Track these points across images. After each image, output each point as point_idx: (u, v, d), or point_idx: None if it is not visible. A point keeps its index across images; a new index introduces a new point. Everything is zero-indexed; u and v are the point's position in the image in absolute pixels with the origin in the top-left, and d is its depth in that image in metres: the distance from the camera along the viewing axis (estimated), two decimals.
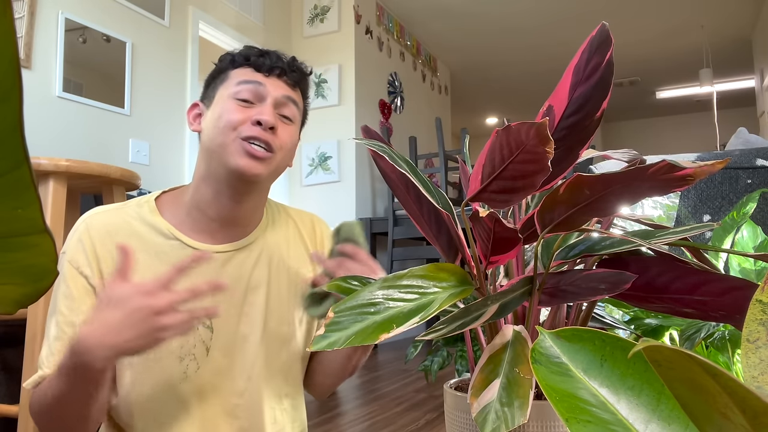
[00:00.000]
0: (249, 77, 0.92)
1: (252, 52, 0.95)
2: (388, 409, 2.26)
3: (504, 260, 0.70)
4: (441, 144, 4.46)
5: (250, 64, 0.94)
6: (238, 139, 0.88)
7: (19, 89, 0.24)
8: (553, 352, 0.44)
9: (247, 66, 0.94)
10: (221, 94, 0.93)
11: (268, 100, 0.91)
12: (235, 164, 0.88)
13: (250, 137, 0.88)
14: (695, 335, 1.03)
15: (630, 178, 0.55)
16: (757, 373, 0.33)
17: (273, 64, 0.94)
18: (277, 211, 1.07)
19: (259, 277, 0.98)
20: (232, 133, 0.88)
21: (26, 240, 0.30)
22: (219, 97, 0.93)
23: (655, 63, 6.81)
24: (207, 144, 0.92)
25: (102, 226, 0.91)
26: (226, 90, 0.92)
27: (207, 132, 0.92)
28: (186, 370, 0.91)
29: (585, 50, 0.61)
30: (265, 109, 0.90)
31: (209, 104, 0.95)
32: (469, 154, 0.98)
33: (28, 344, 1.36)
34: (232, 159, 0.88)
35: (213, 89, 0.96)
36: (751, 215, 1.56)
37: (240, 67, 0.94)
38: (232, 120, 0.89)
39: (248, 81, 0.91)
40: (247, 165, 0.88)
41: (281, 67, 0.94)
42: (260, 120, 0.88)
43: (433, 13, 5.42)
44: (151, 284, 0.74)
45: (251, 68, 0.93)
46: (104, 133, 3.00)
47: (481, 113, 8.82)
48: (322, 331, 0.55)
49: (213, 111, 0.93)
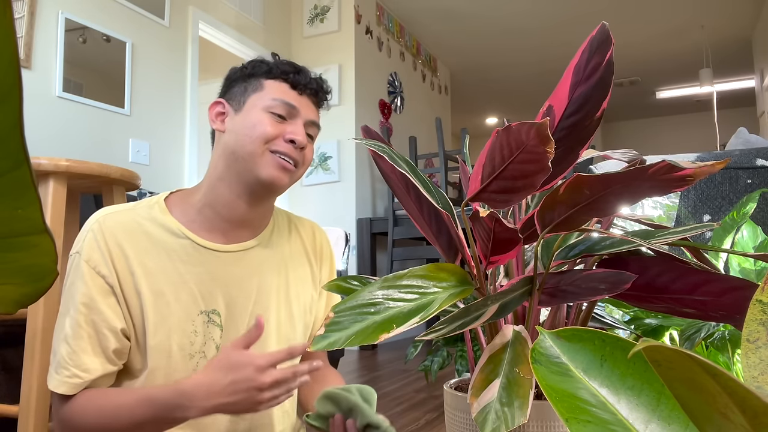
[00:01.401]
0: (285, 95, 0.96)
1: (289, 68, 0.99)
2: (388, 409, 2.26)
3: (504, 260, 0.70)
4: (441, 144, 4.46)
5: (287, 80, 0.98)
6: (268, 151, 0.93)
7: (19, 89, 0.24)
8: (553, 352, 0.44)
9: (283, 81, 0.98)
10: (254, 103, 0.96)
11: (299, 121, 0.97)
12: (267, 175, 0.93)
13: (281, 153, 0.94)
14: (695, 335, 1.03)
15: (630, 178, 0.55)
16: (757, 373, 0.33)
17: (307, 83, 0.99)
18: (281, 217, 1.10)
19: (267, 278, 1.00)
20: (263, 145, 0.93)
21: (26, 240, 0.30)
22: (252, 106, 0.96)
23: (655, 63, 6.81)
24: (233, 148, 0.95)
25: (115, 225, 0.92)
26: (261, 101, 0.95)
27: (235, 137, 0.95)
28: (195, 367, 0.92)
29: (585, 50, 0.61)
30: (298, 129, 0.96)
31: (237, 107, 0.98)
32: (469, 154, 0.98)
33: (28, 344, 1.36)
34: (264, 170, 0.93)
35: (244, 94, 0.98)
36: (751, 215, 1.56)
37: (275, 80, 0.98)
38: (266, 133, 0.93)
39: (285, 101, 0.96)
40: (278, 177, 0.94)
41: (314, 88, 1.00)
42: (294, 140, 0.94)
43: (433, 13, 5.42)
44: (264, 360, 0.78)
45: (287, 84, 0.98)
46: (104, 133, 3.00)
47: (481, 113, 8.82)
48: (322, 331, 0.55)
49: (245, 118, 0.95)
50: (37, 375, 1.33)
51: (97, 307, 0.89)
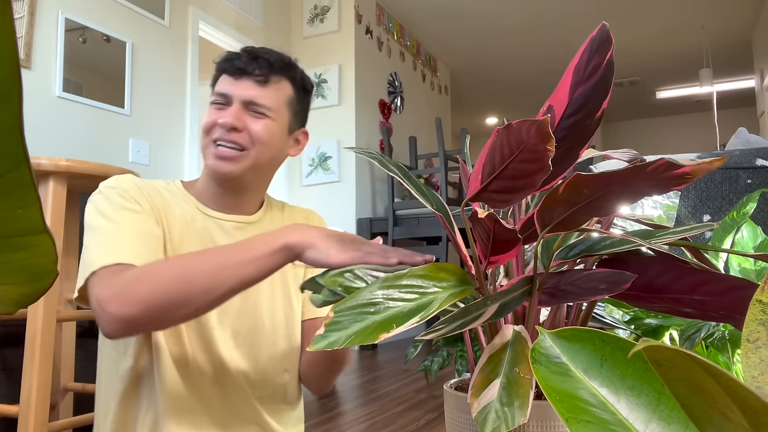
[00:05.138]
0: (221, 86, 1.00)
1: (231, 55, 1.02)
2: (388, 409, 2.26)
3: (504, 260, 0.70)
4: (441, 144, 4.46)
5: (226, 70, 1.01)
6: (211, 142, 0.98)
7: (19, 89, 0.24)
8: (553, 352, 0.44)
9: (224, 72, 1.02)
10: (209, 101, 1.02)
11: (234, 104, 0.99)
12: (210, 165, 0.98)
13: (217, 139, 0.97)
14: (695, 335, 1.03)
15: (629, 177, 0.55)
16: (757, 373, 0.33)
17: (240, 65, 1.00)
18: (276, 206, 1.14)
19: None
20: (207, 137, 0.99)
21: (26, 240, 0.30)
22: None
23: (655, 63, 6.81)
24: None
25: (137, 180, 0.97)
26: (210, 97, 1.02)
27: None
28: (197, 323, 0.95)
29: (585, 50, 0.61)
30: (227, 113, 0.98)
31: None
32: (469, 154, 0.98)
33: (28, 344, 1.36)
34: (208, 161, 0.99)
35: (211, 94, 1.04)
36: (751, 215, 1.56)
37: (222, 73, 1.02)
38: (206, 124, 0.99)
39: (219, 91, 1.00)
40: (217, 165, 0.97)
41: (245, 68, 1.00)
42: (219, 123, 0.97)
43: (433, 13, 5.41)
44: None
45: (227, 74, 1.01)
46: (104, 133, 3.00)
47: (481, 113, 8.82)
48: (322, 331, 0.55)
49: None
50: (37, 375, 1.33)
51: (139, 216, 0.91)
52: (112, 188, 0.92)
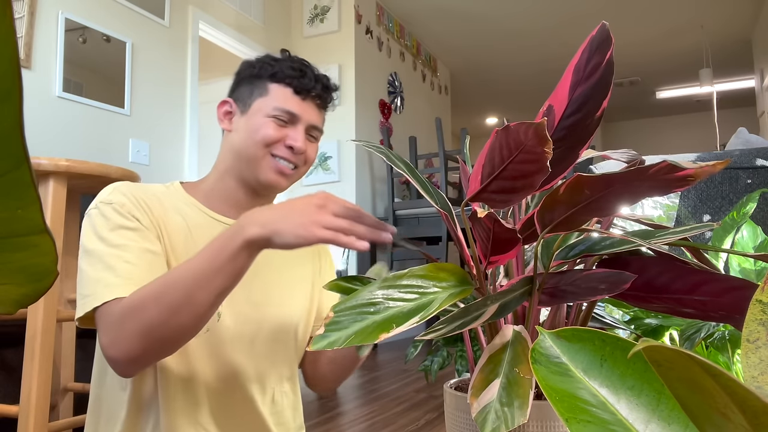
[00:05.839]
0: (287, 103, 0.99)
1: (293, 72, 1.00)
2: (388, 409, 2.26)
3: (504, 260, 0.70)
4: (441, 144, 4.46)
5: (291, 85, 1.00)
6: (269, 155, 0.98)
7: (19, 89, 0.24)
8: (553, 352, 0.44)
9: (286, 86, 1.00)
10: (259, 107, 0.99)
11: (300, 126, 1.00)
12: (265, 178, 0.98)
13: (281, 157, 0.98)
14: (695, 335, 1.03)
15: (630, 179, 0.55)
16: (757, 373, 0.33)
17: (311, 88, 1.00)
18: None
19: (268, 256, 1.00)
20: (264, 149, 0.98)
21: (26, 240, 0.30)
22: (257, 109, 0.99)
23: (655, 63, 6.81)
24: (238, 148, 0.99)
25: (134, 188, 0.95)
26: (265, 107, 0.99)
27: (240, 138, 0.99)
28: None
29: (585, 50, 0.61)
30: (298, 135, 0.99)
31: (243, 109, 1.01)
32: (469, 154, 0.98)
33: (28, 344, 1.36)
34: (263, 173, 0.98)
35: (250, 96, 1.01)
36: (751, 215, 1.56)
37: (279, 84, 1.00)
38: (268, 138, 0.97)
39: (286, 109, 0.99)
40: (276, 180, 0.99)
41: (318, 92, 1.02)
42: (293, 146, 0.98)
43: (433, 13, 5.41)
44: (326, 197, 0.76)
45: (291, 89, 1.00)
46: (104, 133, 3.00)
47: (481, 113, 8.82)
48: (321, 331, 0.55)
49: (249, 121, 0.99)
50: (37, 375, 1.33)
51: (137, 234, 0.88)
52: (108, 204, 0.89)
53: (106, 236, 0.87)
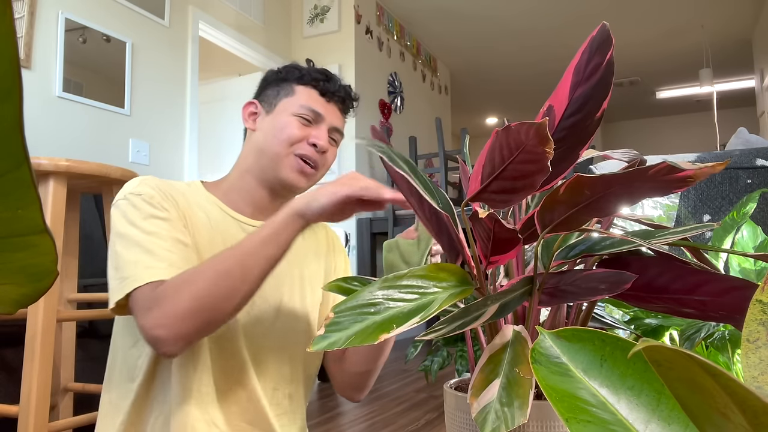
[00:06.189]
0: (313, 102, 1.03)
1: (319, 76, 1.05)
2: (388, 409, 2.26)
3: (504, 260, 0.70)
4: (441, 144, 4.46)
5: (317, 87, 1.04)
6: (292, 154, 1.00)
7: (19, 89, 0.24)
8: (553, 352, 0.44)
9: (312, 87, 1.04)
10: (284, 107, 1.03)
11: (324, 126, 1.03)
12: (287, 176, 1.01)
13: (303, 155, 1.01)
14: (695, 335, 1.03)
15: (630, 179, 0.55)
16: (757, 373, 0.33)
17: (335, 91, 1.05)
18: None
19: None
20: (288, 147, 1.00)
21: (26, 240, 0.30)
22: (282, 109, 1.03)
23: (655, 63, 6.81)
24: (262, 146, 1.02)
25: (160, 182, 0.96)
26: (291, 106, 1.02)
27: (264, 137, 1.02)
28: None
29: (585, 50, 0.61)
30: (322, 134, 1.02)
31: (269, 109, 1.05)
32: (469, 154, 0.98)
33: (28, 344, 1.36)
34: (285, 171, 1.01)
35: (276, 97, 1.05)
36: (751, 215, 1.56)
37: (306, 86, 1.04)
38: (292, 136, 1.00)
39: (311, 107, 1.02)
40: (297, 179, 1.01)
41: (341, 96, 1.07)
42: (316, 143, 1.01)
43: (433, 13, 5.41)
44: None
45: (317, 91, 1.04)
46: (104, 133, 3.00)
47: (481, 113, 8.82)
48: (322, 331, 0.55)
49: (274, 120, 1.03)
50: (37, 375, 1.33)
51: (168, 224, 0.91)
52: (138, 195, 0.91)
53: (140, 224, 0.89)
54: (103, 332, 1.90)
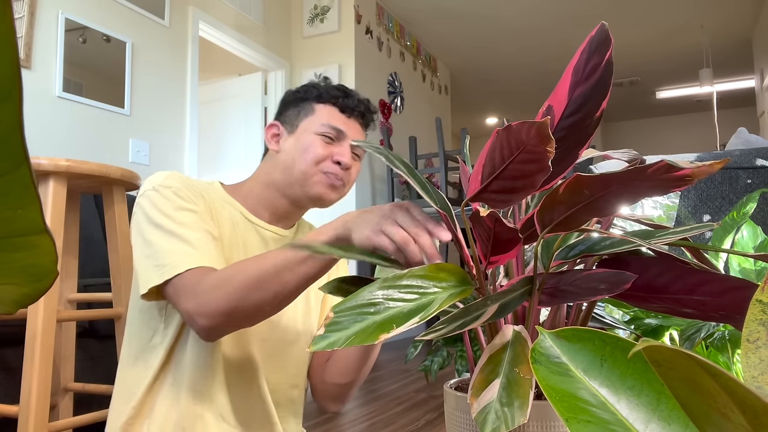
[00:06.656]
0: (334, 120, 1.05)
1: (338, 93, 1.07)
2: (388, 409, 2.26)
3: (504, 260, 0.70)
4: (441, 144, 4.46)
5: (336, 104, 1.06)
6: (320, 172, 1.03)
7: (19, 89, 0.24)
8: (553, 352, 0.44)
9: (332, 105, 1.06)
10: (306, 127, 1.05)
11: (346, 143, 1.05)
12: (316, 192, 1.03)
13: (330, 173, 1.03)
14: (695, 335, 1.03)
15: (629, 178, 0.55)
16: (757, 373, 0.33)
17: (354, 107, 1.06)
18: (305, 225, 1.20)
19: None
20: (315, 167, 1.03)
21: (26, 240, 0.30)
22: (304, 129, 1.05)
23: (655, 63, 6.81)
24: (288, 166, 1.04)
25: (186, 177, 0.99)
26: (312, 125, 1.04)
27: (290, 157, 1.04)
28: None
29: (584, 50, 0.61)
30: (345, 151, 1.04)
31: (291, 130, 1.07)
32: (469, 154, 0.98)
33: (28, 344, 1.36)
34: (315, 188, 1.03)
35: (296, 117, 1.07)
36: (751, 215, 1.56)
37: (325, 104, 1.06)
38: (317, 155, 1.02)
39: (333, 125, 1.04)
40: (327, 194, 1.04)
41: (361, 111, 1.08)
42: (341, 161, 1.03)
43: (433, 13, 5.41)
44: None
45: (336, 108, 1.06)
46: (104, 133, 3.00)
47: (481, 113, 8.82)
48: (322, 332, 0.55)
49: (298, 140, 1.05)
50: (37, 375, 1.33)
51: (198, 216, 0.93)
52: (167, 187, 0.94)
53: (172, 214, 0.91)
54: (103, 332, 1.90)
